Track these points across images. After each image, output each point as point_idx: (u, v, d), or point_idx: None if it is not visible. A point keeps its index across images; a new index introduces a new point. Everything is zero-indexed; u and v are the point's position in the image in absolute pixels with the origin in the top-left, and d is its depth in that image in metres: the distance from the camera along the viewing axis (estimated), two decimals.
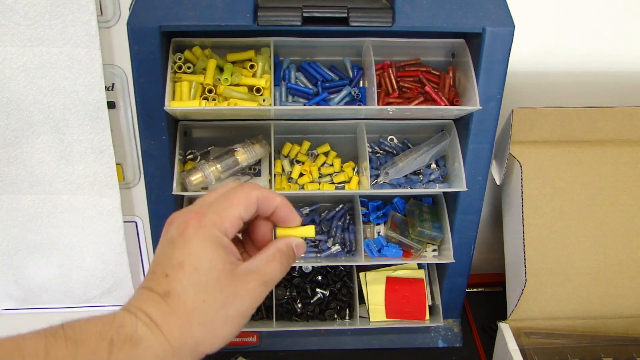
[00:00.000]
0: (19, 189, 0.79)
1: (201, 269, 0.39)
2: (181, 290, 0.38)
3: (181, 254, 0.39)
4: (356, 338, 0.88)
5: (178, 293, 0.38)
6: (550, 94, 0.90)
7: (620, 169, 0.82)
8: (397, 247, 0.83)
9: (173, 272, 0.39)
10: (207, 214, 0.40)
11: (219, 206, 0.41)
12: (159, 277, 0.39)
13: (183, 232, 0.40)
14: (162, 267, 0.40)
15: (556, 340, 0.81)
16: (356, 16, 0.67)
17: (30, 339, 0.34)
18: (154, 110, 0.69)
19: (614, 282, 0.81)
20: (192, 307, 0.38)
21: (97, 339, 0.35)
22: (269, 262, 0.43)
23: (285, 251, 0.44)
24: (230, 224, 0.41)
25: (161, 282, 0.39)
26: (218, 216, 0.40)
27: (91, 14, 0.69)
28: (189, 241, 0.39)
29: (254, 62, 0.73)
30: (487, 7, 0.68)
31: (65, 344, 0.35)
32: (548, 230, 0.80)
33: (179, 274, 0.38)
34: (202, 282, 0.38)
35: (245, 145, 0.76)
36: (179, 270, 0.39)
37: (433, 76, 0.77)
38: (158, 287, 0.39)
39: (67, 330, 0.36)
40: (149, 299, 0.39)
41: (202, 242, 0.39)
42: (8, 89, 0.72)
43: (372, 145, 0.82)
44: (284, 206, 0.45)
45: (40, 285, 0.87)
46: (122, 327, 0.37)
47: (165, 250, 0.40)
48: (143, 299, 0.39)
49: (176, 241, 0.40)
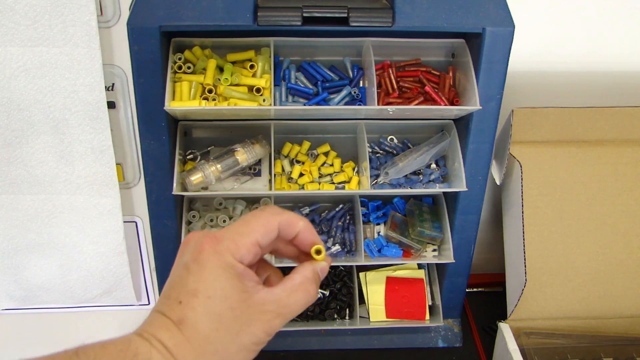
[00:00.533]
0: (19, 189, 0.79)
1: (215, 297, 0.38)
2: (194, 318, 0.38)
3: (195, 281, 0.39)
4: (356, 338, 0.88)
5: (191, 321, 0.38)
6: (550, 94, 0.90)
7: (620, 169, 0.82)
8: (397, 247, 0.83)
9: (187, 300, 0.38)
10: (223, 240, 0.40)
11: (235, 232, 0.40)
12: (172, 303, 0.39)
13: (197, 258, 0.39)
14: (176, 292, 0.39)
15: (556, 340, 0.81)
16: (356, 16, 0.67)
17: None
18: (154, 110, 0.69)
19: (614, 282, 0.81)
20: (206, 335, 0.38)
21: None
22: (294, 293, 0.42)
23: (311, 278, 0.43)
24: (247, 250, 0.40)
25: (175, 308, 0.39)
26: (233, 243, 0.40)
27: (91, 14, 0.69)
28: (202, 268, 0.39)
29: (254, 62, 0.73)
30: (487, 7, 0.68)
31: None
32: (548, 230, 0.80)
33: (193, 302, 0.38)
34: (215, 311, 0.38)
35: (245, 145, 0.76)
36: (192, 298, 0.38)
37: (433, 76, 0.77)
38: (172, 313, 0.39)
39: (81, 357, 0.35)
40: (162, 325, 0.38)
41: (216, 270, 0.39)
42: (8, 89, 0.72)
43: (372, 145, 0.82)
44: (306, 230, 0.43)
45: (40, 285, 0.87)
46: (136, 355, 0.36)
47: (179, 274, 0.40)
48: (157, 325, 0.39)
49: (190, 267, 0.39)
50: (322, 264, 0.45)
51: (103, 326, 1.02)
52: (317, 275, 0.44)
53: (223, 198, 0.83)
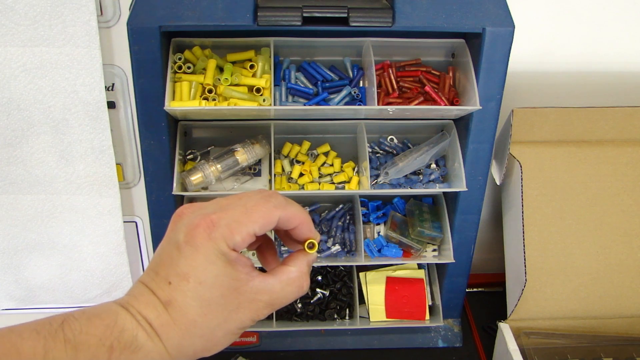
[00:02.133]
0: (19, 189, 0.79)
1: (205, 283, 0.38)
2: (183, 302, 0.38)
3: (187, 265, 0.38)
4: (356, 338, 0.88)
5: (180, 305, 0.38)
6: (550, 94, 0.90)
7: (620, 169, 0.82)
8: (397, 247, 0.83)
9: (177, 282, 0.38)
10: (219, 227, 0.39)
11: (233, 219, 0.39)
12: (161, 282, 0.39)
13: (190, 241, 0.39)
14: (165, 271, 0.39)
15: (556, 340, 0.81)
16: (356, 16, 0.67)
17: (28, 339, 0.34)
18: (154, 110, 0.69)
19: (614, 282, 0.81)
20: (193, 320, 0.38)
21: (97, 345, 0.35)
22: (288, 286, 0.42)
23: (306, 272, 0.43)
24: (242, 240, 0.39)
25: (164, 288, 0.38)
26: (229, 231, 0.39)
27: (91, 14, 0.69)
28: (195, 252, 0.38)
29: (254, 62, 0.73)
30: (487, 7, 0.68)
31: (64, 348, 0.34)
32: (548, 230, 0.80)
33: (183, 285, 0.38)
34: (205, 297, 0.38)
35: (245, 145, 0.76)
36: (183, 281, 0.38)
37: (433, 76, 0.77)
38: (160, 292, 0.38)
39: (67, 332, 0.35)
40: (150, 303, 0.38)
41: (209, 257, 0.38)
42: (8, 89, 0.72)
43: (372, 145, 0.82)
44: (304, 225, 0.43)
45: (40, 285, 0.87)
46: (122, 332, 0.36)
47: (170, 252, 0.39)
48: (144, 302, 0.38)
49: (183, 248, 0.39)
50: (314, 256, 0.44)
51: None
52: (310, 267, 0.44)
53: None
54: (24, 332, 0.35)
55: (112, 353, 0.35)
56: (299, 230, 0.43)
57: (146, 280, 0.40)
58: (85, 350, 0.35)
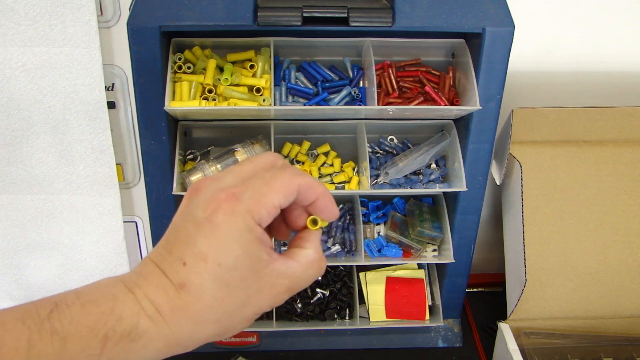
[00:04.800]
0: (19, 189, 0.79)
1: (225, 265, 0.34)
2: (199, 285, 0.34)
3: (206, 244, 0.34)
4: (356, 338, 0.88)
5: (195, 288, 0.34)
6: (550, 94, 0.90)
7: (620, 169, 0.82)
8: (397, 247, 0.83)
9: (193, 263, 0.34)
10: (243, 199, 0.35)
11: (257, 190, 0.35)
12: (175, 262, 0.35)
13: (211, 217, 0.34)
14: (180, 250, 0.35)
15: (556, 340, 0.81)
16: (356, 16, 0.67)
17: (12, 331, 0.31)
18: (154, 110, 0.69)
19: (614, 282, 0.81)
20: (209, 305, 0.34)
21: (88, 336, 0.32)
22: (308, 269, 0.38)
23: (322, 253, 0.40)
24: (267, 212, 0.35)
25: (178, 269, 0.34)
26: (255, 203, 0.35)
27: (91, 14, 0.69)
28: (217, 230, 0.34)
29: (254, 62, 0.73)
30: (487, 7, 0.68)
31: (50, 340, 0.31)
32: (548, 230, 0.80)
33: (200, 267, 0.34)
34: (224, 279, 0.34)
35: (245, 145, 0.76)
36: (200, 261, 0.34)
37: (433, 76, 0.77)
38: (173, 273, 0.34)
39: (54, 322, 0.32)
40: (160, 286, 0.34)
41: (232, 235, 0.34)
42: (8, 89, 0.72)
43: (372, 145, 0.82)
44: (324, 197, 0.39)
45: (40, 285, 0.87)
46: (120, 320, 0.33)
47: (187, 230, 0.35)
48: (154, 285, 0.34)
49: (202, 225, 0.35)
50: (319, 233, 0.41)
51: None
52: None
53: None
54: (8, 322, 0.31)
55: (106, 343, 0.32)
56: (320, 202, 0.39)
57: (157, 259, 0.36)
58: (75, 342, 0.32)
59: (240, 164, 0.39)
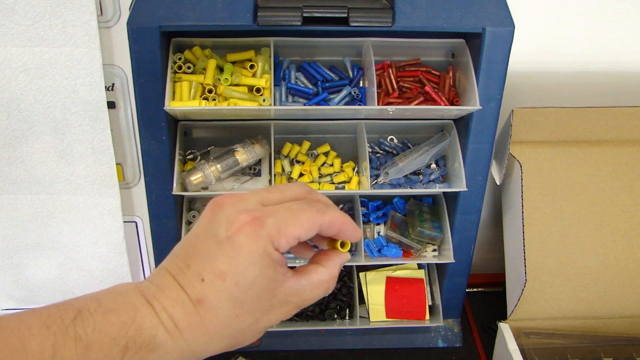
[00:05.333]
0: (19, 189, 0.79)
1: (243, 284, 0.36)
2: (216, 302, 0.36)
3: (226, 263, 0.36)
4: (356, 338, 0.88)
5: (212, 305, 0.36)
6: (550, 94, 0.90)
7: (620, 169, 0.82)
8: (397, 247, 0.83)
9: (212, 280, 0.36)
10: (266, 224, 0.36)
11: (281, 219, 0.37)
12: (193, 277, 0.36)
13: (233, 237, 0.36)
14: (199, 265, 0.36)
15: (556, 340, 0.81)
16: (356, 16, 0.67)
17: (37, 335, 0.32)
18: (154, 110, 0.69)
19: (614, 282, 0.81)
20: (224, 321, 0.36)
21: (110, 344, 0.33)
22: (318, 288, 0.40)
23: (336, 275, 0.41)
24: (287, 242, 0.37)
25: (195, 284, 0.36)
26: (277, 230, 0.36)
27: (91, 14, 0.69)
28: (238, 250, 0.36)
29: (254, 62, 0.73)
30: (487, 7, 0.68)
31: (74, 347, 0.32)
32: (548, 230, 0.80)
33: (218, 285, 0.36)
34: (240, 298, 0.36)
35: (245, 145, 0.76)
36: (218, 280, 0.36)
37: (433, 76, 0.77)
38: (191, 289, 0.36)
39: (78, 329, 0.33)
40: (178, 300, 0.36)
41: (252, 257, 0.36)
42: (8, 89, 0.72)
43: (372, 145, 0.82)
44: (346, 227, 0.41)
45: (40, 285, 0.87)
46: (140, 330, 0.34)
47: (207, 245, 0.37)
48: (172, 298, 0.36)
49: (224, 244, 0.36)
50: (347, 256, 0.43)
51: None
52: (340, 269, 0.42)
53: None
54: (34, 325, 0.33)
55: (126, 353, 0.34)
56: (342, 234, 0.41)
57: (174, 271, 0.37)
58: (98, 350, 0.33)
59: (269, 189, 0.40)
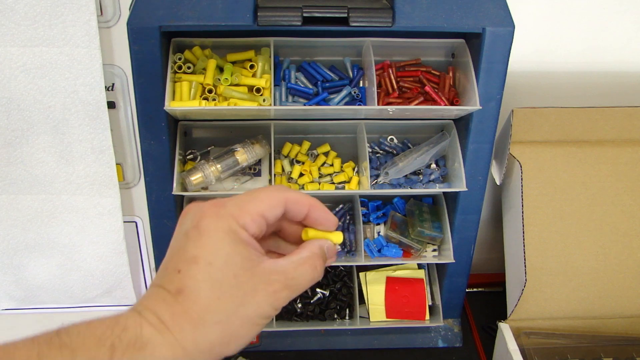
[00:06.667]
0: (19, 189, 0.79)
1: (216, 263, 0.36)
2: (194, 287, 0.35)
3: (195, 247, 0.36)
4: (356, 338, 0.88)
5: (191, 290, 0.35)
6: (550, 94, 0.90)
7: (620, 169, 0.82)
8: (397, 247, 0.83)
9: (186, 268, 0.36)
10: (226, 206, 0.38)
11: (240, 200, 0.38)
12: (171, 273, 0.37)
13: (198, 224, 0.37)
14: (174, 262, 0.37)
15: (556, 340, 0.81)
16: (356, 16, 0.67)
17: (23, 347, 0.32)
18: (154, 110, 0.69)
19: (614, 282, 0.81)
20: (206, 305, 0.35)
21: (95, 346, 0.33)
22: (300, 266, 0.39)
23: (318, 254, 0.41)
24: (251, 219, 0.38)
25: (173, 278, 0.36)
26: (238, 209, 0.37)
27: (91, 14, 0.69)
28: (204, 233, 0.36)
29: (254, 62, 0.73)
30: (487, 7, 0.68)
31: (60, 352, 0.32)
32: (548, 230, 0.80)
33: (193, 270, 0.36)
34: (217, 278, 0.36)
35: (245, 145, 0.76)
36: (192, 265, 0.36)
37: (433, 76, 0.77)
38: (170, 284, 0.36)
39: (62, 337, 0.33)
40: (159, 297, 0.36)
41: (219, 234, 0.36)
42: (8, 89, 0.72)
43: (372, 145, 0.82)
44: (316, 208, 0.41)
45: (40, 285, 0.87)
46: (125, 330, 0.34)
47: (178, 243, 0.38)
48: (152, 298, 0.36)
49: (190, 233, 0.37)
50: (329, 243, 0.42)
51: None
52: (324, 252, 0.41)
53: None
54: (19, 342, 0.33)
55: (114, 352, 0.33)
56: (314, 215, 0.41)
57: (156, 279, 0.38)
58: (84, 353, 0.32)
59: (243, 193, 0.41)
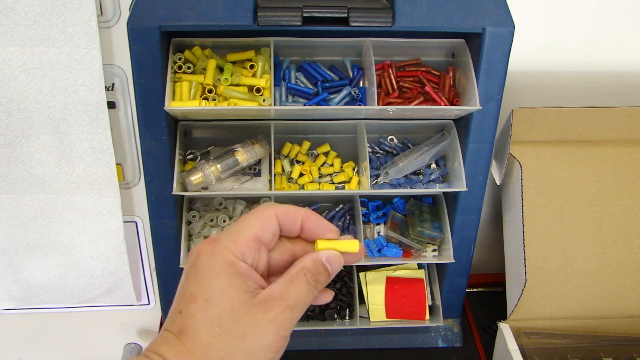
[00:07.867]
0: (19, 189, 0.79)
1: (213, 299, 0.36)
2: (194, 325, 0.36)
3: (193, 286, 0.37)
4: (356, 338, 0.88)
5: (192, 329, 0.36)
6: (550, 94, 0.90)
7: (620, 169, 0.82)
8: (397, 247, 0.83)
9: (186, 307, 0.37)
10: (220, 240, 0.38)
11: (232, 230, 0.39)
12: (174, 315, 0.37)
13: (195, 262, 0.38)
14: (176, 303, 0.38)
15: (556, 340, 0.81)
16: (356, 16, 0.67)
17: None
18: (154, 110, 0.69)
19: (614, 282, 0.81)
20: (208, 343, 0.36)
21: None
22: (292, 283, 0.39)
23: (312, 268, 0.39)
24: (247, 247, 0.38)
25: (175, 319, 0.37)
26: (231, 240, 0.38)
27: (91, 14, 0.69)
28: (200, 271, 0.37)
29: (254, 62, 0.73)
30: (487, 7, 0.68)
31: None
32: (548, 230, 0.80)
33: (192, 309, 0.36)
34: (215, 314, 0.36)
35: (245, 145, 0.76)
36: (191, 303, 0.37)
37: (433, 76, 0.77)
38: (173, 325, 0.37)
39: None
40: (164, 339, 0.37)
41: (214, 270, 0.37)
42: (8, 89, 0.72)
43: (372, 145, 0.82)
44: (310, 217, 0.41)
45: (40, 285, 0.87)
46: None
47: (180, 284, 0.39)
48: (159, 341, 0.37)
49: (189, 273, 0.38)
50: (329, 253, 0.41)
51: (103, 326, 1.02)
52: (320, 264, 0.40)
53: (223, 198, 0.83)
54: None
55: None
56: (309, 226, 0.41)
57: (165, 323, 0.39)
58: None
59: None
